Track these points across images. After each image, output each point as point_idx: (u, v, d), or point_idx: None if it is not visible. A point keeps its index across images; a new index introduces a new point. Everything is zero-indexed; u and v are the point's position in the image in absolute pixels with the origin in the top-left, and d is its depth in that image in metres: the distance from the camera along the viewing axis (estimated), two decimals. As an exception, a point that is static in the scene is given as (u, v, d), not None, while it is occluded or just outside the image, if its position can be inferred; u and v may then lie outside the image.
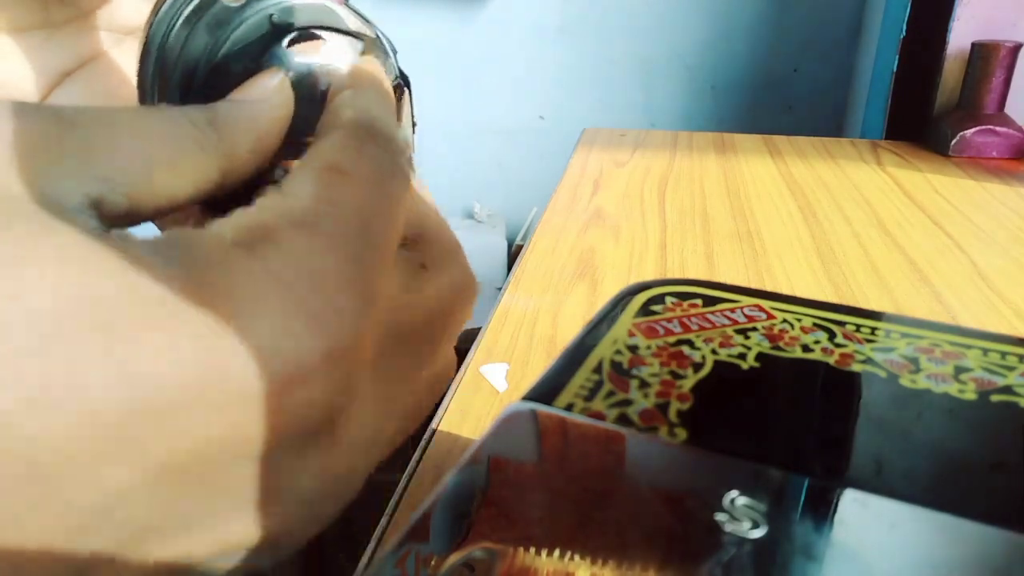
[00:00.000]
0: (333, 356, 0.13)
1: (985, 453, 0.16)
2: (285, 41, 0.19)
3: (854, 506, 0.14)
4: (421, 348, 0.17)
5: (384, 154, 0.16)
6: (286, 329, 0.12)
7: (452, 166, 1.49)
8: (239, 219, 0.14)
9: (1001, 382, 0.18)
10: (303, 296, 0.13)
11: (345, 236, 0.14)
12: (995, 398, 0.17)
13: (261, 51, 0.19)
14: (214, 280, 0.12)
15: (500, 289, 0.52)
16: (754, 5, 1.29)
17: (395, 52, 0.21)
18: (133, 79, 0.21)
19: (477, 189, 1.49)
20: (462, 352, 0.43)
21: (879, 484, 0.15)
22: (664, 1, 1.31)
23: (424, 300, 0.17)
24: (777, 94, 1.33)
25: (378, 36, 0.20)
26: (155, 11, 0.18)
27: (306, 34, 0.19)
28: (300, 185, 0.15)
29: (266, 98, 0.17)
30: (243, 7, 0.19)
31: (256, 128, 0.17)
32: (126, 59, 0.24)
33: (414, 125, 0.22)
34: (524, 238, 1.36)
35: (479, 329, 0.45)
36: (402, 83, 0.21)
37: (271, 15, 0.19)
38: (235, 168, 0.16)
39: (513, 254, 1.33)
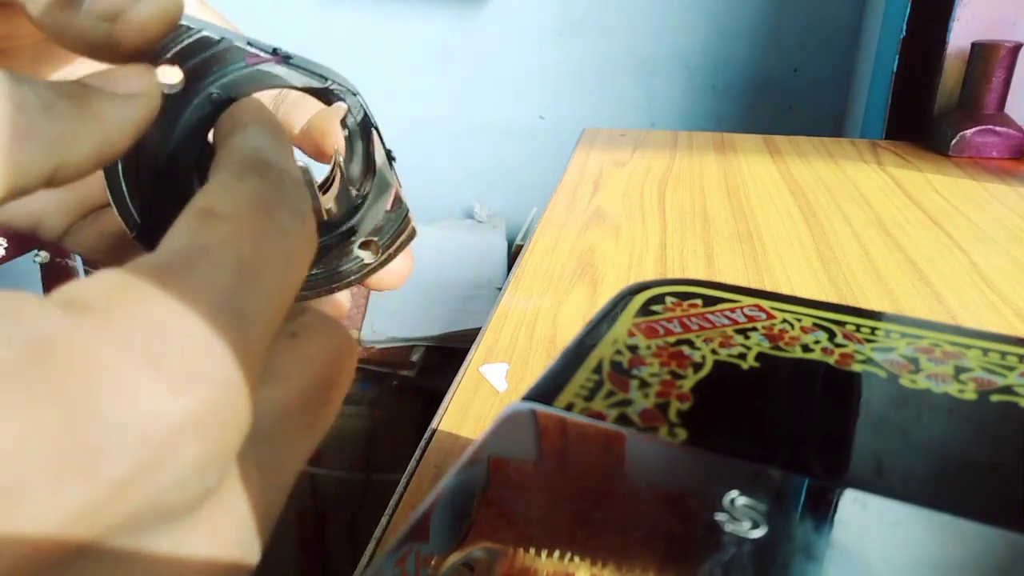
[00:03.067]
0: (202, 422, 0.11)
1: (985, 453, 0.16)
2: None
3: (854, 506, 0.14)
4: (304, 421, 0.15)
5: (268, 185, 0.15)
6: (136, 400, 0.11)
7: (452, 166, 1.49)
8: (93, 280, 0.12)
9: (1001, 382, 0.18)
10: (159, 359, 0.11)
11: (215, 283, 0.13)
12: (995, 398, 0.17)
13: (209, 128, 0.19)
14: (53, 352, 0.11)
15: (500, 289, 0.52)
16: (754, 5, 1.29)
17: (355, 93, 0.20)
18: None
19: (477, 189, 1.49)
20: (462, 352, 0.43)
21: (879, 484, 0.15)
22: (664, 1, 1.31)
23: (301, 368, 0.15)
24: (777, 94, 1.33)
25: (330, 82, 0.20)
26: None
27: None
28: (171, 237, 0.13)
29: (130, 96, 0.16)
30: (184, 91, 0.18)
31: (109, 129, 0.15)
32: None
33: (392, 159, 0.21)
34: (524, 238, 1.36)
35: (479, 329, 0.45)
36: (369, 122, 0.21)
37: (211, 94, 0.19)
38: (67, 171, 0.15)
39: (513, 254, 1.33)
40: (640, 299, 0.22)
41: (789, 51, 1.30)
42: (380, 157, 0.21)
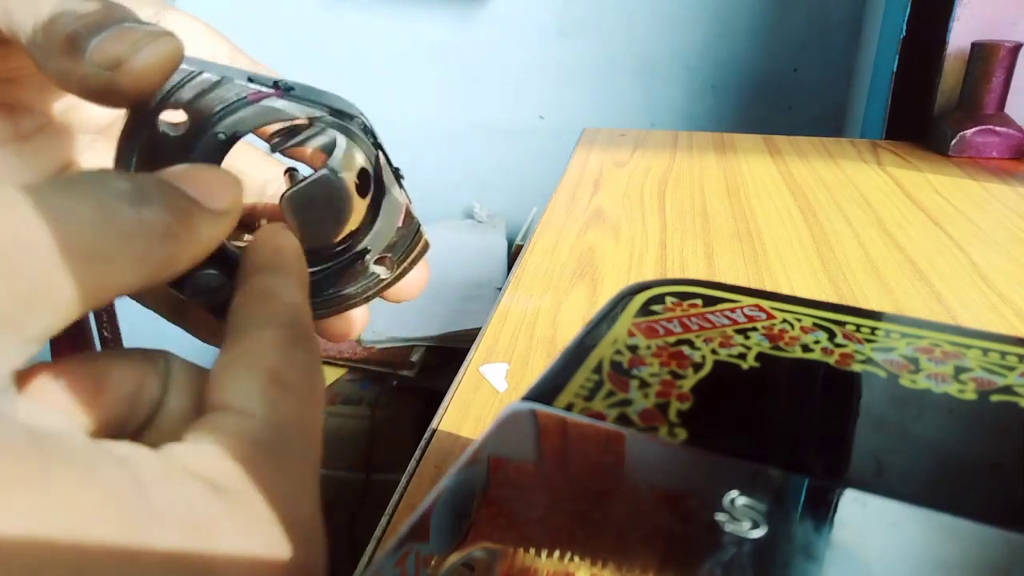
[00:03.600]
0: (318, 566, 0.14)
1: (985, 453, 0.16)
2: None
3: (854, 506, 0.14)
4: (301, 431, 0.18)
5: (312, 360, 0.17)
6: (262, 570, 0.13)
7: (452, 166, 1.49)
8: (202, 451, 0.14)
9: (1001, 382, 0.18)
10: (276, 536, 0.14)
11: (299, 454, 0.15)
12: (995, 398, 0.17)
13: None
14: (204, 534, 0.13)
15: (500, 289, 0.52)
16: (754, 5, 1.29)
17: (359, 115, 0.21)
18: None
19: (477, 189, 1.49)
20: (462, 352, 0.43)
21: (879, 484, 0.15)
22: (664, 1, 1.31)
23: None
24: (777, 94, 1.33)
25: (332, 109, 0.20)
26: (117, 152, 0.18)
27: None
28: (250, 400, 0.15)
29: (223, 214, 0.17)
30: (189, 132, 0.19)
31: (201, 250, 0.16)
32: (99, 159, 0.23)
33: (400, 177, 0.22)
34: (524, 238, 1.36)
35: (479, 329, 0.45)
36: (376, 142, 0.21)
37: (217, 135, 0.19)
38: (158, 280, 0.16)
39: (513, 254, 1.33)
40: (640, 299, 0.22)
41: (789, 51, 1.30)
42: (388, 176, 0.21)
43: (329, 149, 0.20)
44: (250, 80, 0.19)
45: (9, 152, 0.21)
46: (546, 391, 0.18)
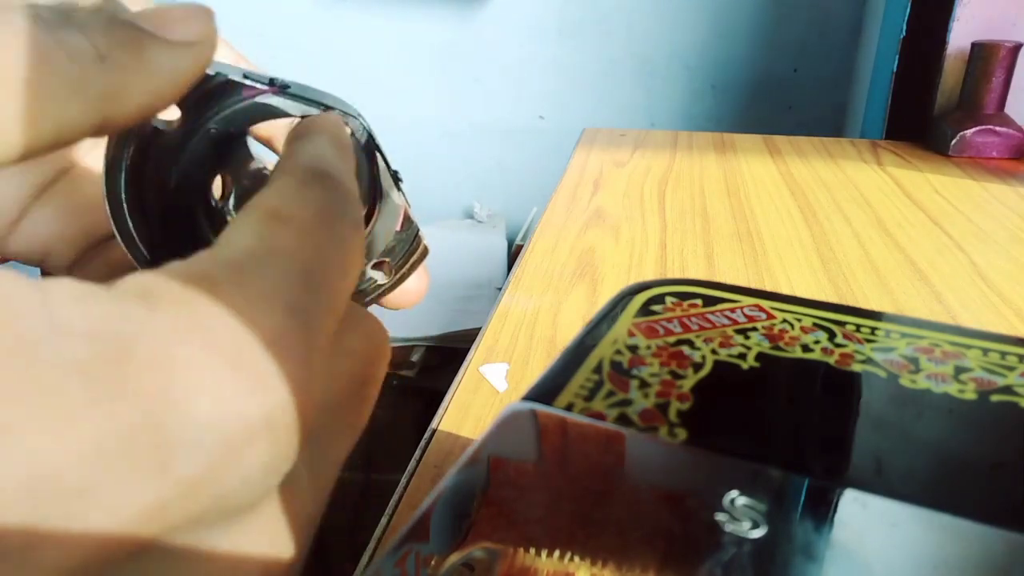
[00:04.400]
0: (274, 422, 0.12)
1: (985, 453, 0.16)
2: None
3: (854, 506, 0.14)
4: (346, 418, 0.15)
5: (331, 196, 0.15)
6: (219, 397, 0.11)
7: (452, 166, 1.49)
8: (164, 273, 0.12)
9: (1001, 382, 0.18)
10: (239, 357, 0.11)
11: (286, 287, 0.13)
12: (995, 398, 0.17)
13: (213, 163, 0.19)
14: (133, 347, 0.10)
15: (500, 289, 0.52)
16: (754, 5, 1.29)
17: (357, 116, 0.20)
18: (74, 214, 0.21)
19: (477, 189, 1.49)
20: (462, 352, 0.43)
21: (879, 484, 0.15)
22: (664, 2, 1.31)
23: (343, 366, 0.15)
24: (777, 94, 1.33)
25: (329, 108, 0.19)
26: (107, 153, 0.18)
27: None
28: (237, 234, 0.13)
29: (186, 45, 0.15)
30: (183, 127, 0.18)
31: (161, 83, 0.14)
32: (101, 163, 0.23)
33: (399, 180, 0.21)
34: (524, 238, 1.36)
35: (479, 329, 0.45)
36: (373, 144, 0.20)
37: (209, 130, 0.18)
38: (113, 125, 0.14)
39: (513, 254, 1.33)
40: (640, 299, 0.22)
41: (789, 51, 1.30)
42: (386, 179, 0.21)
43: None
44: (245, 77, 0.19)
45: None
46: (546, 391, 0.18)
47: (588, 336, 0.21)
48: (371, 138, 0.20)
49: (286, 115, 0.19)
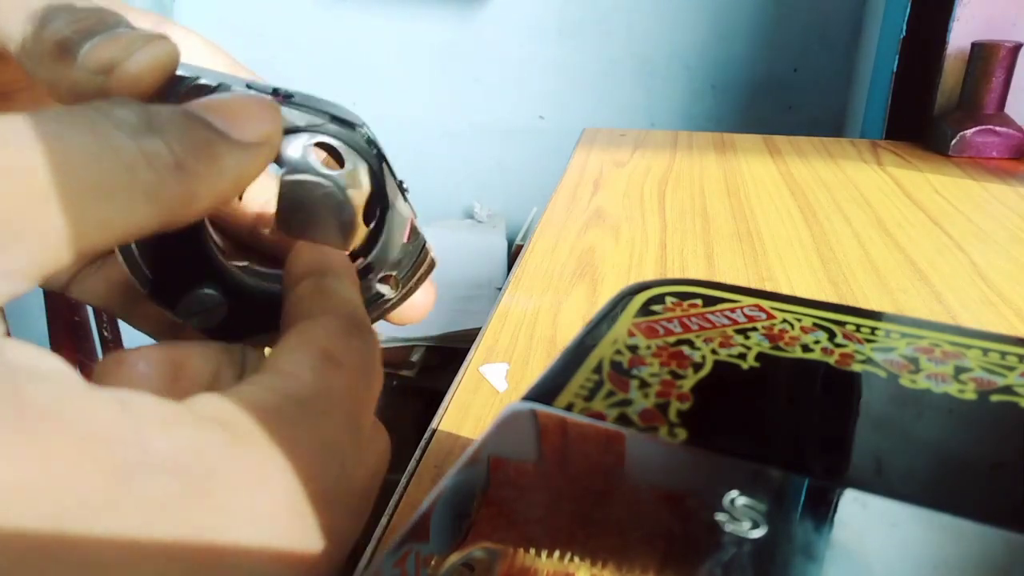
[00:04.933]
0: (340, 541, 0.14)
1: (985, 453, 0.16)
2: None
3: (854, 506, 0.14)
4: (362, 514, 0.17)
5: (369, 349, 0.17)
6: (274, 550, 0.13)
7: (452, 166, 1.49)
8: (227, 399, 0.13)
9: (1001, 382, 0.18)
10: (298, 512, 0.13)
11: (339, 437, 0.15)
12: (995, 398, 0.17)
13: None
14: (213, 486, 0.12)
15: (500, 289, 0.52)
16: (754, 5, 1.29)
17: (362, 125, 0.20)
18: None
19: (477, 189, 1.49)
20: (462, 352, 0.43)
21: (879, 484, 0.15)
22: (664, 2, 1.31)
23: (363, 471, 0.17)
24: (777, 94, 1.33)
25: (334, 117, 0.19)
26: None
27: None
28: (298, 367, 0.15)
29: (254, 146, 0.16)
30: None
31: (228, 187, 0.15)
32: None
33: (405, 190, 0.21)
34: (524, 238, 1.36)
35: (479, 329, 0.45)
36: (380, 153, 0.20)
37: None
38: (178, 223, 0.14)
39: (513, 254, 1.33)
40: (640, 299, 0.22)
41: (789, 51, 1.30)
42: (392, 189, 0.20)
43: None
44: (248, 87, 0.18)
45: None
46: (546, 391, 0.18)
47: (588, 336, 0.21)
48: (377, 148, 0.20)
49: (291, 124, 0.19)
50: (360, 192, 0.20)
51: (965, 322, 0.44)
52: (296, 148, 0.19)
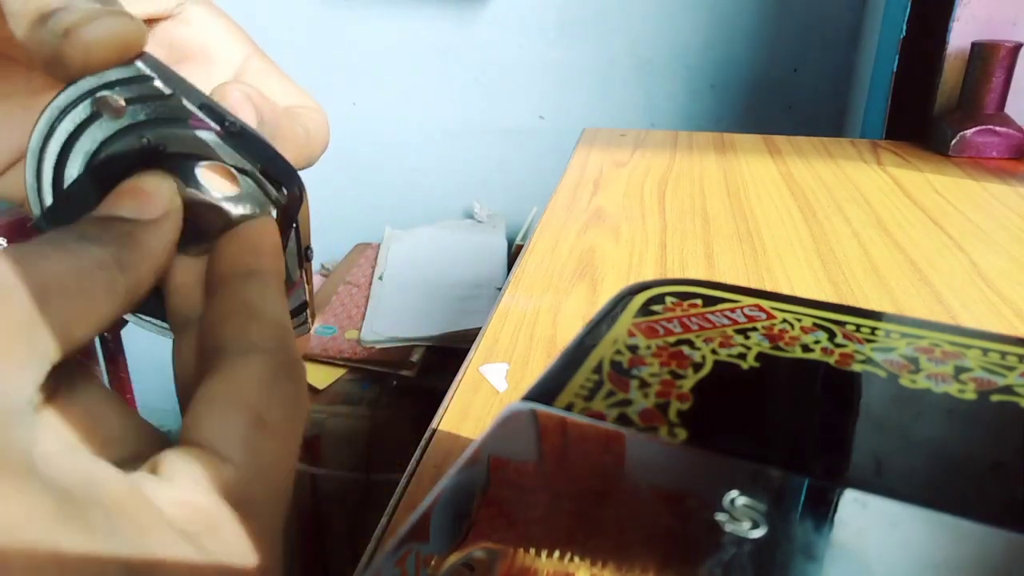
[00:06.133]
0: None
1: (985, 453, 0.16)
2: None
3: (854, 506, 0.14)
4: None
5: (296, 389, 0.17)
6: None
7: (452, 166, 1.49)
8: (175, 490, 0.14)
9: (1001, 382, 0.18)
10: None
11: (267, 503, 0.16)
12: (995, 398, 0.17)
13: (131, 165, 0.19)
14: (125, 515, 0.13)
15: (500, 289, 0.52)
16: (754, 5, 1.29)
17: (301, 193, 0.20)
18: None
19: (477, 189, 1.49)
20: (462, 352, 0.43)
21: (879, 484, 0.15)
22: (664, 2, 1.31)
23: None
24: (777, 94, 1.33)
25: (265, 170, 0.19)
26: (37, 121, 0.19)
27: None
28: (230, 445, 0.15)
29: (162, 218, 0.18)
30: (122, 127, 0.19)
31: (158, 259, 0.17)
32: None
33: (307, 259, 0.21)
34: (524, 238, 1.36)
35: (479, 329, 0.45)
36: (293, 215, 0.20)
37: (143, 136, 0.19)
38: (135, 300, 0.17)
39: (513, 254, 1.33)
40: (640, 299, 0.22)
41: (789, 51, 1.30)
42: (291, 260, 0.21)
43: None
44: (201, 107, 0.19)
45: (18, 105, 0.22)
46: (546, 391, 0.18)
47: (588, 336, 0.21)
48: (291, 207, 0.20)
49: (218, 159, 0.19)
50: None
51: (965, 322, 0.44)
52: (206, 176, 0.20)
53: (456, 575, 0.13)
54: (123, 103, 0.18)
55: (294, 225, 0.20)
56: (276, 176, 0.20)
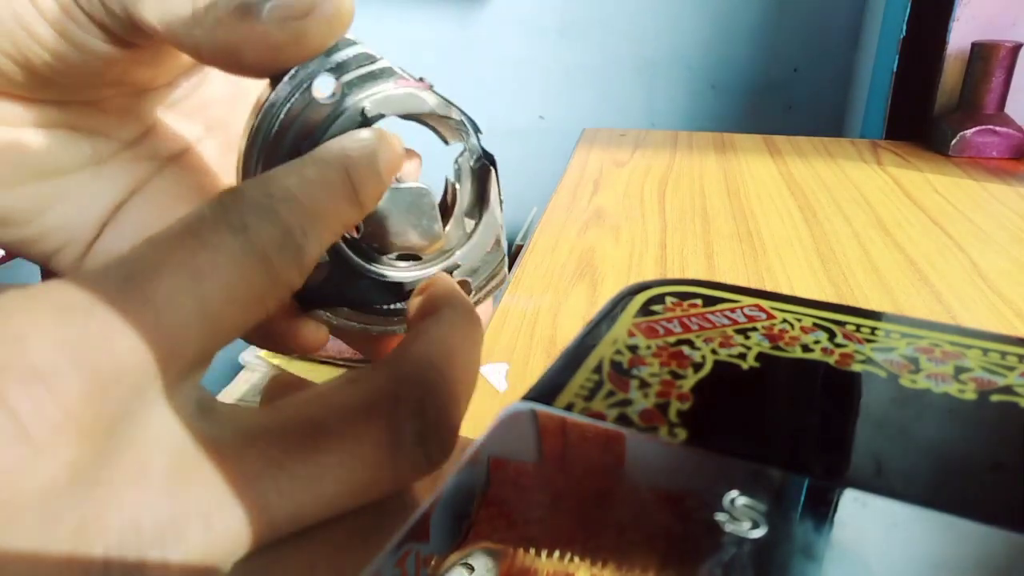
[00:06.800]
0: None
1: (985, 453, 0.16)
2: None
3: (854, 506, 0.14)
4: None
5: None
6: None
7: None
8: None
9: (1001, 382, 0.18)
10: None
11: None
12: (995, 398, 0.17)
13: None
14: None
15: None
16: (754, 5, 1.29)
17: (479, 132, 0.21)
18: (182, 202, 0.22)
19: (477, 189, 1.49)
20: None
21: (879, 484, 0.15)
22: (665, 2, 1.31)
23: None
24: (777, 94, 1.33)
25: (462, 117, 0.20)
26: (255, 116, 0.18)
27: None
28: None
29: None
30: (337, 103, 0.19)
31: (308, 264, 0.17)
32: (168, 185, 0.24)
33: (501, 202, 0.21)
34: (524, 238, 1.36)
35: (479, 329, 0.45)
36: (487, 163, 0.21)
37: (363, 108, 0.19)
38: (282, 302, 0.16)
39: (513, 254, 1.33)
40: (640, 299, 0.22)
41: (789, 51, 1.30)
42: (494, 197, 0.21)
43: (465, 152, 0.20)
44: (401, 69, 0.19)
45: (87, 175, 0.22)
46: (546, 391, 0.18)
47: (588, 336, 0.21)
48: (490, 155, 0.21)
49: (434, 112, 0.20)
50: (464, 188, 0.21)
51: (965, 322, 0.44)
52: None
53: (456, 575, 0.13)
54: (337, 80, 0.18)
55: (495, 168, 0.21)
56: (469, 120, 0.20)
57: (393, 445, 0.16)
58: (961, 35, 0.81)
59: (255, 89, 0.19)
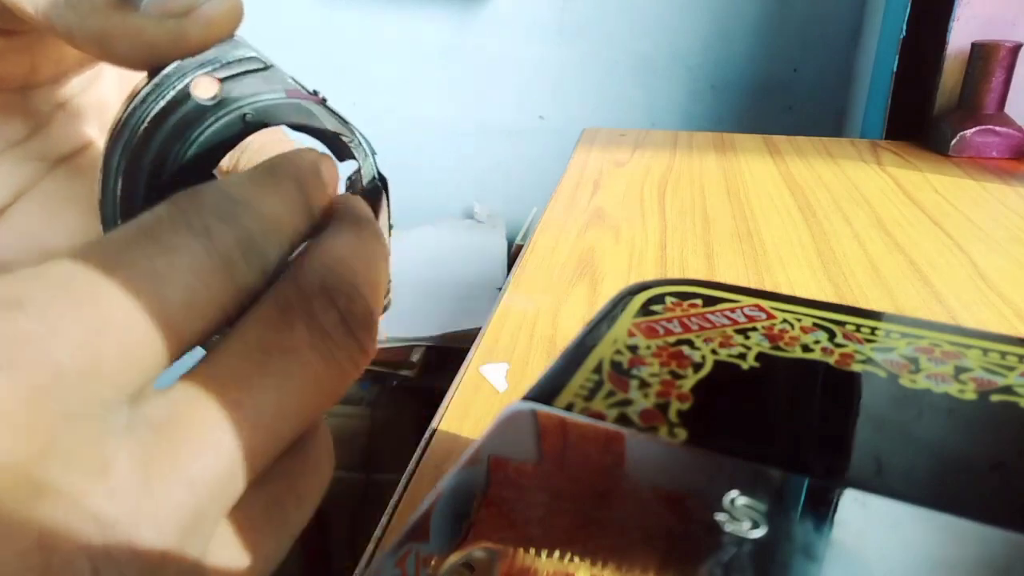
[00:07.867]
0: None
1: (985, 453, 0.16)
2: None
3: (854, 506, 0.14)
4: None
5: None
6: None
7: (452, 166, 1.49)
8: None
9: (1001, 382, 0.18)
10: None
11: None
12: (995, 398, 0.17)
13: (229, 148, 0.18)
14: None
15: (500, 289, 0.52)
16: (754, 5, 1.29)
17: (374, 153, 0.20)
18: (73, 205, 0.21)
19: (477, 189, 1.49)
20: (462, 352, 0.43)
21: (879, 484, 0.15)
22: (664, 2, 1.31)
23: None
24: (777, 94, 1.33)
25: (356, 137, 0.19)
26: (123, 110, 0.17)
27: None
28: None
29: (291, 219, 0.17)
30: (216, 105, 0.18)
31: (279, 254, 0.16)
32: (59, 186, 0.23)
33: (390, 227, 0.21)
34: (524, 238, 1.36)
35: (479, 329, 0.45)
36: (380, 185, 0.20)
37: (245, 114, 0.18)
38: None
39: (513, 254, 1.33)
40: (640, 299, 0.22)
41: (789, 51, 1.30)
42: (384, 220, 0.21)
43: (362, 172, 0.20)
44: (292, 79, 0.18)
45: (31, 138, 0.21)
46: (546, 391, 0.18)
47: (588, 336, 0.21)
48: (380, 178, 0.20)
49: (320, 126, 0.19)
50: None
51: (965, 322, 0.44)
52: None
53: (456, 575, 0.13)
54: (219, 82, 0.18)
55: (387, 191, 0.21)
56: (363, 141, 0.20)
57: (319, 337, 0.15)
58: (961, 35, 0.81)
59: None
